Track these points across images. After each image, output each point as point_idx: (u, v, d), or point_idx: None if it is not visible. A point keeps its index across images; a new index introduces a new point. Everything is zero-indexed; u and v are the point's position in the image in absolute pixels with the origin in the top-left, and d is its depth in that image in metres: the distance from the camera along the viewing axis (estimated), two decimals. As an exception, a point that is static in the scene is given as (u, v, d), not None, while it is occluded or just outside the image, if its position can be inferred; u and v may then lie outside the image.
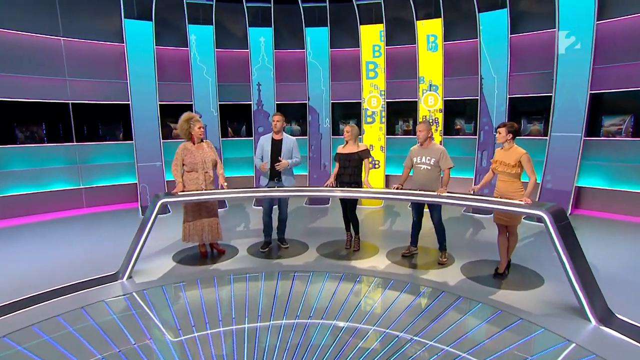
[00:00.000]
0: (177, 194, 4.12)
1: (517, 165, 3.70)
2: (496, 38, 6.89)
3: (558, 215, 3.23)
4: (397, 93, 7.98)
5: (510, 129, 3.75)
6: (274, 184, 4.73)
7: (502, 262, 3.98)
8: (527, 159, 3.67)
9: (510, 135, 3.76)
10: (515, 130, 3.78)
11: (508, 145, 3.80)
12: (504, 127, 3.77)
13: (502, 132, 3.78)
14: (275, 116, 4.72)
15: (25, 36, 6.49)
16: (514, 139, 3.80)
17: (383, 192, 4.32)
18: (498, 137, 3.83)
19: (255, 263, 4.44)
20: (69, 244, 5.21)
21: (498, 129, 3.82)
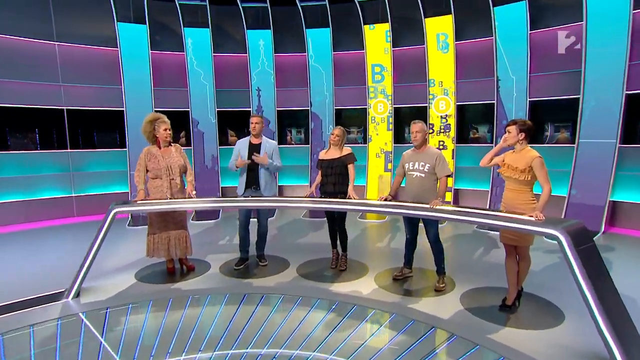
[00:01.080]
0: (135, 203, 3.69)
1: (527, 170, 3.02)
2: (514, 35, 6.19)
3: (578, 236, 2.53)
4: (406, 98, 7.36)
5: (522, 126, 3.07)
6: (251, 192, 4.23)
7: (510, 291, 3.26)
8: (540, 163, 2.99)
9: (523, 135, 3.08)
10: (529, 128, 3.09)
11: (520, 146, 3.12)
12: (515, 124, 3.09)
13: (511, 131, 3.10)
14: (254, 117, 4.25)
15: (19, 41, 6.39)
16: (527, 139, 3.12)
17: (365, 203, 3.68)
18: (507, 138, 3.14)
19: (224, 282, 3.91)
20: (43, 253, 4.90)
21: (507, 128, 3.14)
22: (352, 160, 4.04)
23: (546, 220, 2.71)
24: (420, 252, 4.01)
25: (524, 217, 2.80)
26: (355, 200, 3.74)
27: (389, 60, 7.17)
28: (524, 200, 3.07)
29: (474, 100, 6.86)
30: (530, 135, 3.12)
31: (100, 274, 3.99)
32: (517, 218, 2.80)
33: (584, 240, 2.55)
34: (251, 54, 7.45)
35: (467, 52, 6.75)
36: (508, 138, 3.14)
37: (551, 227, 2.57)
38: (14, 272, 4.23)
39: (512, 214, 2.90)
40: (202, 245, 5.04)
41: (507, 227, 2.82)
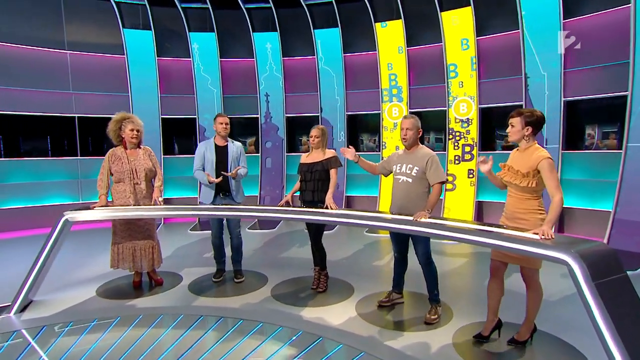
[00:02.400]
0: (90, 210, 3.39)
1: (531, 174, 2.36)
2: (544, 25, 5.39)
3: (599, 264, 1.85)
4: (423, 101, 6.69)
5: (528, 118, 2.42)
6: (221, 200, 3.82)
7: (488, 318, 2.65)
8: (549, 166, 2.32)
9: (529, 129, 2.42)
10: (537, 121, 2.43)
11: (525, 143, 2.47)
12: (520, 116, 2.45)
13: (515, 124, 2.46)
14: (220, 117, 3.87)
15: (32, 50, 6.52)
16: (534, 134, 2.46)
17: (342, 214, 3.07)
18: (510, 133, 2.50)
19: (188, 300, 3.48)
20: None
21: (510, 120, 2.50)
22: (336, 164, 3.51)
23: (556, 240, 2.03)
24: (417, 273, 3.36)
25: (526, 235, 2.13)
26: (332, 210, 3.19)
27: (404, 60, 6.57)
28: (527, 208, 2.42)
29: (501, 101, 6.06)
30: (538, 129, 2.46)
31: (62, 286, 3.73)
32: (516, 236, 2.13)
33: (608, 269, 1.86)
34: (258, 58, 7.17)
35: (490, 48, 6.01)
36: (511, 133, 2.50)
37: (560, 250, 1.90)
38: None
39: (511, 230, 2.24)
40: (188, 257, 4.70)
41: (501, 247, 2.16)
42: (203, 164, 3.85)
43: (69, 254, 4.81)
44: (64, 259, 4.55)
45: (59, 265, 4.25)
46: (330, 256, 4.72)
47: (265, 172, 7.40)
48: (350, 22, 6.88)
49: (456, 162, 6.25)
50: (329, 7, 6.73)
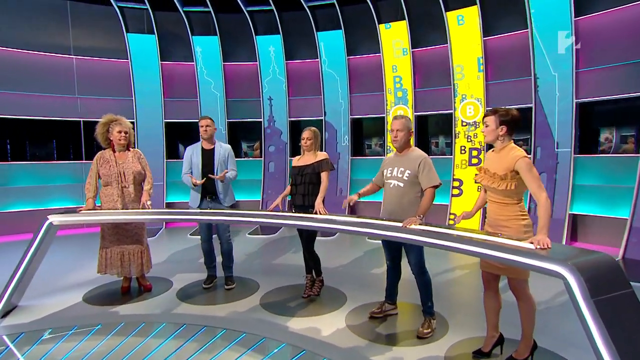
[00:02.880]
0: (76, 213, 3.32)
1: (509, 176, 2.20)
2: (554, 23, 5.16)
3: (600, 277, 1.65)
4: (429, 104, 6.49)
5: (503, 117, 2.27)
6: (208, 204, 3.71)
7: (488, 334, 2.46)
8: (526, 165, 2.16)
9: (504, 129, 2.28)
10: (513, 120, 2.28)
11: (500, 144, 2.32)
12: (494, 114, 2.30)
13: (489, 123, 2.31)
14: (203, 120, 3.77)
15: (39, 55, 6.59)
16: (510, 135, 2.31)
17: (328, 220, 2.89)
18: (485, 133, 2.36)
19: (175, 307, 3.37)
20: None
21: (484, 119, 2.35)
22: (327, 167, 3.37)
23: (553, 250, 1.83)
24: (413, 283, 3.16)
25: (518, 244, 1.94)
26: (321, 215, 3.04)
27: (409, 62, 6.40)
28: (509, 215, 2.26)
29: (509, 104, 5.80)
30: (514, 128, 2.30)
31: (50, 291, 3.67)
32: (507, 245, 1.94)
33: (610, 284, 1.65)
34: (262, 61, 7.10)
35: (498, 49, 5.79)
36: (486, 133, 2.35)
37: (555, 261, 1.71)
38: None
39: (506, 238, 2.05)
40: (182, 262, 4.60)
41: (488, 257, 1.97)
42: (191, 168, 3.76)
43: (59, 258, 4.81)
44: (54, 263, 4.55)
45: (48, 270, 4.23)
46: (328, 263, 4.59)
47: (268, 177, 7.29)
48: (353, 24, 6.75)
49: (462, 167, 6.02)
50: (332, 10, 6.62)
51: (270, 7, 6.59)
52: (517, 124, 2.29)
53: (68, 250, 5.32)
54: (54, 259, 4.68)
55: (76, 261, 4.65)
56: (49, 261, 4.48)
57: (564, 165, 5.23)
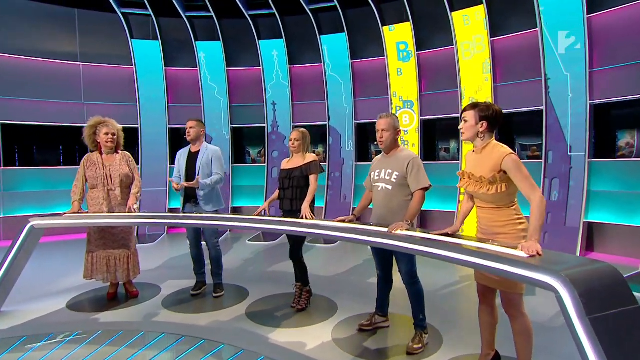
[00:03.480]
0: (59, 216, 3.26)
1: (497, 178, 1.95)
2: (565, 21, 4.91)
3: (596, 292, 1.42)
4: (435, 108, 6.28)
5: (483, 112, 2.04)
6: (192, 208, 3.60)
7: (482, 351, 2.23)
8: (514, 163, 1.93)
9: (484, 125, 2.04)
10: (493, 116, 2.05)
11: (481, 142, 2.08)
12: (473, 109, 2.07)
13: (468, 119, 2.08)
14: (188, 122, 3.66)
15: (48, 63, 6.70)
16: (491, 132, 2.08)
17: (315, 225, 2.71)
18: (463, 130, 2.12)
19: (157, 315, 3.24)
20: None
21: (463, 114, 2.12)
22: (316, 170, 3.21)
23: (545, 258, 1.62)
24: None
25: (506, 251, 1.73)
26: (307, 220, 2.87)
27: (414, 65, 6.22)
28: (505, 220, 2.02)
29: (519, 106, 5.55)
30: (495, 125, 2.06)
31: (36, 297, 3.60)
32: (494, 252, 1.73)
33: (610, 299, 1.43)
34: (265, 65, 7.04)
35: (506, 49, 5.55)
36: (464, 129, 2.11)
37: (546, 271, 1.49)
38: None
39: (496, 245, 1.84)
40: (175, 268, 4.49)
41: (470, 265, 1.76)
42: (179, 172, 3.68)
43: (48, 264, 4.80)
44: (42, 269, 4.54)
45: (35, 275, 4.23)
46: (325, 271, 4.41)
47: (271, 183, 7.17)
48: (357, 27, 6.63)
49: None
50: (334, 14, 6.52)
51: (272, 10, 6.53)
52: (499, 121, 2.06)
53: (57, 256, 5.28)
54: (42, 265, 4.68)
55: (64, 267, 4.60)
56: (37, 267, 4.50)
57: (578, 170, 4.93)
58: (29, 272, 4.11)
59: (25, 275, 3.60)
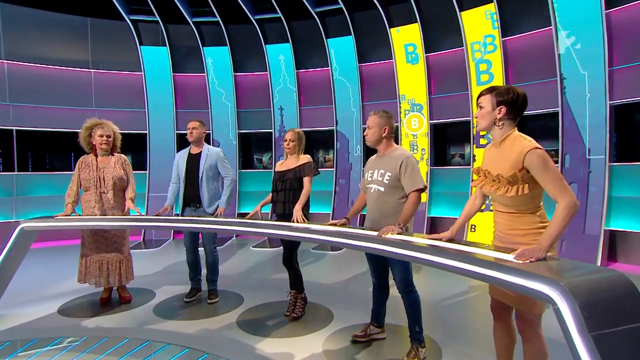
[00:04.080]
0: (50, 219, 3.22)
1: (517, 177, 1.66)
2: (581, 17, 4.66)
3: (601, 305, 1.22)
4: (445, 111, 6.07)
5: (501, 96, 1.74)
6: (192, 212, 3.51)
7: None
8: (540, 159, 1.61)
9: (503, 110, 1.74)
10: (515, 100, 1.73)
11: (499, 133, 1.78)
12: (490, 93, 1.78)
13: (484, 105, 1.78)
14: (190, 122, 3.59)
15: (60, 70, 6.83)
16: (513, 120, 1.77)
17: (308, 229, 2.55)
18: (478, 118, 1.83)
19: (146, 322, 3.13)
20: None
21: (479, 100, 1.83)
22: (310, 171, 3.07)
23: (544, 264, 1.42)
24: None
25: (499, 256, 1.53)
26: (298, 224, 2.73)
27: (422, 67, 6.04)
28: (527, 228, 1.71)
29: (533, 109, 5.29)
30: (518, 112, 1.76)
31: (29, 301, 3.55)
32: (486, 257, 1.54)
33: (618, 314, 1.22)
34: (272, 70, 6.99)
35: (518, 50, 5.31)
36: (479, 117, 1.82)
37: (543, 279, 1.30)
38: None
39: (491, 249, 1.65)
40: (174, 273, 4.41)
41: (458, 271, 1.57)
42: (178, 175, 3.61)
43: (44, 269, 4.79)
44: (38, 274, 4.53)
45: (31, 279, 4.21)
46: (326, 279, 4.25)
47: (278, 188, 7.06)
48: (364, 30, 6.51)
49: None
50: (341, 17, 6.42)
51: (278, 14, 6.48)
52: (521, 106, 1.75)
53: (54, 261, 5.26)
54: (38, 270, 4.69)
55: (61, 272, 4.55)
56: (33, 271, 4.52)
57: (597, 174, 4.62)
58: (25, 277, 4.15)
59: (20, 279, 3.60)
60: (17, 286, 3.48)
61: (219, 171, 3.65)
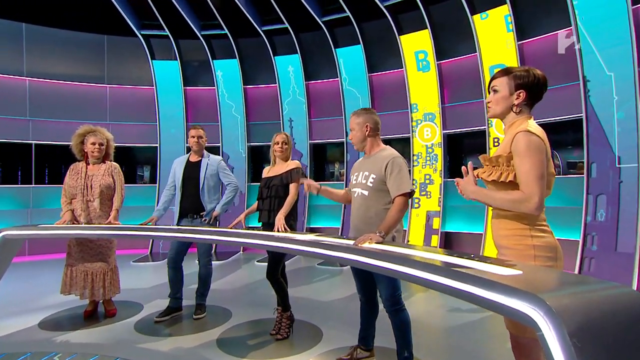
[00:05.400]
0: (27, 227, 3.14)
1: (502, 161, 1.47)
2: (605, 14, 4.30)
3: (595, 330, 0.91)
4: (459, 121, 5.75)
5: (521, 79, 1.51)
6: (188, 222, 3.35)
7: None
8: (523, 142, 1.41)
9: (521, 95, 1.51)
10: (535, 83, 1.51)
11: (512, 118, 1.55)
12: (506, 75, 1.55)
13: (499, 87, 1.56)
14: (194, 130, 3.48)
15: (77, 86, 7.02)
16: (530, 106, 1.54)
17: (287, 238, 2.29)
18: (490, 103, 1.61)
19: (123, 338, 2.95)
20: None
21: (492, 83, 1.60)
22: (297, 177, 2.85)
23: (530, 275, 1.13)
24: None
25: (487, 269, 1.25)
26: (279, 233, 2.50)
27: (434, 74, 5.78)
28: (512, 230, 1.48)
29: (553, 116, 4.90)
30: (537, 96, 1.54)
31: (12, 314, 3.44)
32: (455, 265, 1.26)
33: (622, 346, 0.91)
34: (281, 81, 6.91)
35: (535, 54, 4.97)
36: (492, 103, 1.59)
37: (523, 295, 1.00)
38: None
39: (476, 260, 1.36)
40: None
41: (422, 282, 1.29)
42: (174, 182, 3.49)
43: (33, 281, 4.71)
44: (27, 286, 4.45)
45: (17, 292, 4.13)
46: (324, 296, 3.95)
47: (287, 202, 6.88)
48: (373, 39, 6.34)
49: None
50: (350, 28, 6.28)
51: (285, 25, 6.43)
52: (542, 91, 1.53)
53: (43, 274, 5.18)
54: (25, 282, 4.63)
55: (48, 285, 4.42)
56: (20, 284, 4.44)
57: (629, 184, 4.16)
58: (12, 289, 4.11)
59: (7, 291, 3.51)
60: (3, 298, 3.40)
61: (220, 180, 3.49)
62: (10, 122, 6.55)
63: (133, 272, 5.24)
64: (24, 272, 5.25)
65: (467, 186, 1.56)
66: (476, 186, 1.54)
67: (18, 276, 4.85)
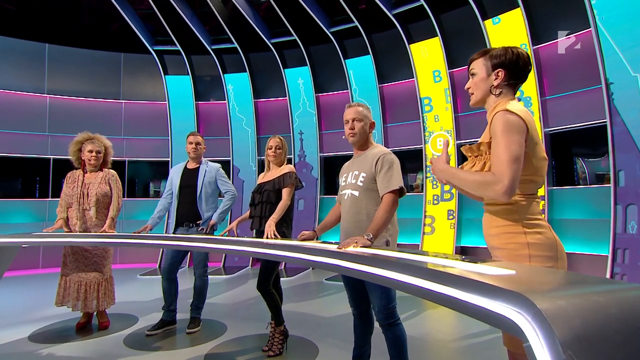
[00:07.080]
0: (18, 235, 3.10)
1: (482, 149, 1.30)
2: (628, 12, 4.05)
3: (593, 341, 0.70)
4: (474, 131, 5.51)
5: (498, 58, 1.34)
6: (184, 231, 3.25)
7: None
8: (501, 122, 1.22)
9: (500, 74, 1.34)
10: (514, 61, 1.33)
11: (493, 102, 1.37)
12: (483, 55, 1.38)
13: (476, 70, 1.40)
14: (192, 136, 3.41)
15: (95, 102, 7.20)
16: (513, 87, 1.37)
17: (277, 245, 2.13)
18: (470, 89, 1.44)
19: (111, 352, 2.81)
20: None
21: (470, 67, 1.43)
22: (290, 182, 2.70)
23: (522, 274, 0.93)
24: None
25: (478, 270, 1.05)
26: (269, 240, 2.33)
27: (445, 83, 5.60)
28: (501, 227, 1.30)
29: (574, 122, 4.61)
30: (519, 76, 1.36)
31: (4, 325, 3.37)
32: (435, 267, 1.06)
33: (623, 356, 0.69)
34: (291, 94, 6.87)
35: (552, 58, 4.73)
36: (472, 88, 1.43)
37: (509, 298, 0.80)
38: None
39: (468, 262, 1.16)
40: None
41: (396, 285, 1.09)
42: (172, 190, 3.41)
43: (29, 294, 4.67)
44: (23, 299, 4.40)
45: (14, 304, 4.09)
46: (327, 311, 3.72)
47: (297, 215, 6.69)
48: (383, 49, 6.25)
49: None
50: (359, 38, 6.22)
51: (294, 37, 6.42)
52: (524, 69, 1.36)
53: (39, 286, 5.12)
54: (21, 295, 4.58)
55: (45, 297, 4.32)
56: (16, 296, 4.41)
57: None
58: (7, 301, 4.09)
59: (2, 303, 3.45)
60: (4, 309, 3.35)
61: (217, 188, 3.40)
62: (31, 137, 6.74)
63: (136, 286, 5.16)
64: (34, 284, 5.26)
65: (436, 164, 1.38)
66: (446, 164, 1.36)
67: (11, 289, 4.82)
